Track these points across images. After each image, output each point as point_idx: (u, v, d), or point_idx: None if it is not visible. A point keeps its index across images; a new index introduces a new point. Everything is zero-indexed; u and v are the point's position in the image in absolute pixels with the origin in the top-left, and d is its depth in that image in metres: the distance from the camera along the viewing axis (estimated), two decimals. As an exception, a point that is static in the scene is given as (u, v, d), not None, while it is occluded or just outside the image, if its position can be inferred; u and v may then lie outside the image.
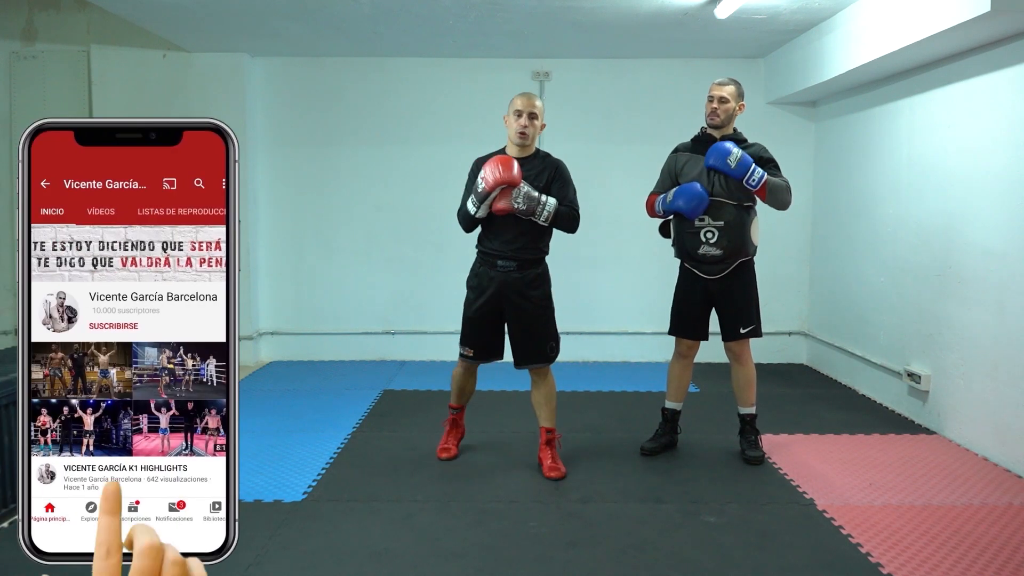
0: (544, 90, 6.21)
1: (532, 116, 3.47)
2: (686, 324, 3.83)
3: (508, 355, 3.81)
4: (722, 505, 3.29)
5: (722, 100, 3.66)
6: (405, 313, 6.35)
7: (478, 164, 3.55)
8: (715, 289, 3.73)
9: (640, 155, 6.27)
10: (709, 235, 3.61)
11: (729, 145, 3.53)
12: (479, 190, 3.39)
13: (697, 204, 3.59)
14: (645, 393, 5.25)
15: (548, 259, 3.73)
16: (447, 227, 6.17)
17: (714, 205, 3.60)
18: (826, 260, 5.91)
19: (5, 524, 3.13)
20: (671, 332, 3.91)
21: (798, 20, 4.98)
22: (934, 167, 4.39)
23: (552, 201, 3.45)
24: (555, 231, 3.63)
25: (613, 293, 6.33)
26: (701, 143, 3.74)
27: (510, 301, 3.59)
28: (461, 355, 3.72)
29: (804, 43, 5.32)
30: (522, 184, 3.39)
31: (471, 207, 3.46)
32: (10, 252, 6.20)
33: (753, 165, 3.50)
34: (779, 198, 3.58)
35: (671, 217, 3.80)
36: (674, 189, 3.70)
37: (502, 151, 3.59)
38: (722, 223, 3.59)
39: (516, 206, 3.40)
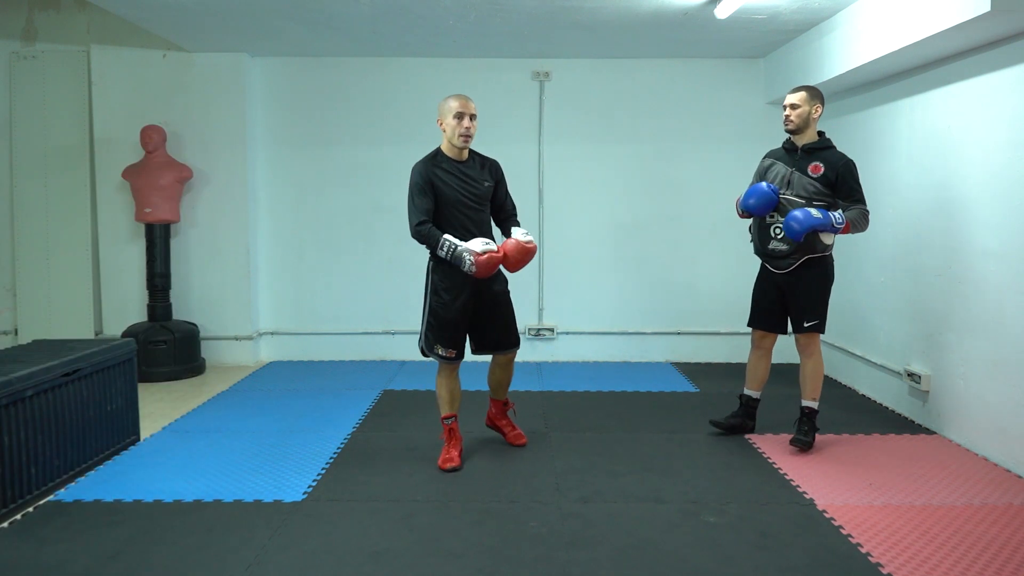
0: (544, 90, 6.21)
1: (473, 117, 3.63)
2: (758, 315, 4.12)
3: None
4: (722, 505, 3.29)
5: (793, 106, 3.90)
6: (405, 313, 6.34)
7: (418, 170, 3.66)
8: (784, 283, 3.95)
9: (640, 155, 6.28)
10: (777, 231, 3.87)
11: (801, 212, 3.68)
12: (463, 269, 3.52)
13: (764, 202, 3.83)
14: (645, 393, 5.25)
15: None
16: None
17: (784, 203, 3.83)
18: (826, 260, 5.91)
19: (5, 524, 3.13)
20: (749, 323, 4.18)
21: (798, 20, 4.98)
22: (934, 167, 4.39)
23: (520, 229, 3.74)
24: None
25: (612, 292, 6.33)
26: (787, 150, 3.99)
27: (483, 296, 3.76)
28: (444, 358, 3.75)
29: (804, 43, 5.32)
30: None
31: (444, 254, 3.54)
32: (10, 252, 6.20)
33: (832, 214, 3.71)
34: (858, 228, 3.84)
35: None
36: (746, 189, 3.95)
37: (437, 152, 3.73)
38: None
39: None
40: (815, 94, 3.88)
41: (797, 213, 3.68)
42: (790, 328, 4.07)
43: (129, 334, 5.61)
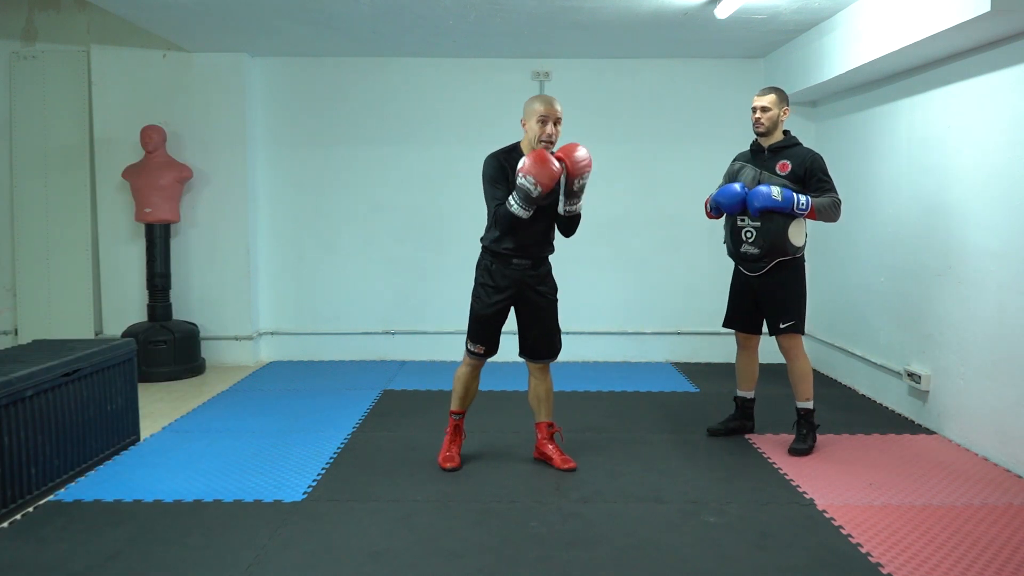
0: (544, 90, 6.21)
1: (557, 122, 3.48)
2: (734, 317, 4.13)
3: (505, 353, 3.79)
4: (722, 505, 3.29)
5: (764, 109, 3.90)
6: (405, 313, 6.35)
7: (490, 162, 3.54)
8: (758, 285, 3.95)
9: (640, 155, 6.28)
10: (748, 234, 3.86)
11: (765, 187, 3.74)
12: (533, 195, 3.34)
13: (732, 201, 3.82)
14: (645, 393, 5.25)
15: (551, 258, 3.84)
16: (447, 227, 6.20)
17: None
18: (826, 260, 5.90)
19: (5, 524, 3.13)
20: (724, 324, 4.19)
21: (798, 20, 4.98)
22: (934, 167, 4.39)
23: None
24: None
25: (612, 292, 6.33)
26: (754, 152, 4.00)
27: (526, 298, 3.67)
28: (470, 352, 3.70)
29: (804, 43, 5.32)
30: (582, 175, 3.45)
31: (520, 212, 3.40)
32: (10, 252, 6.20)
33: (795, 195, 3.72)
34: (827, 216, 3.81)
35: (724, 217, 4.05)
36: (717, 188, 3.95)
37: (516, 147, 3.60)
38: (759, 224, 3.80)
39: (575, 192, 3.51)
40: (783, 96, 3.93)
41: (762, 188, 3.72)
42: (765, 328, 4.05)
43: (129, 334, 5.61)
